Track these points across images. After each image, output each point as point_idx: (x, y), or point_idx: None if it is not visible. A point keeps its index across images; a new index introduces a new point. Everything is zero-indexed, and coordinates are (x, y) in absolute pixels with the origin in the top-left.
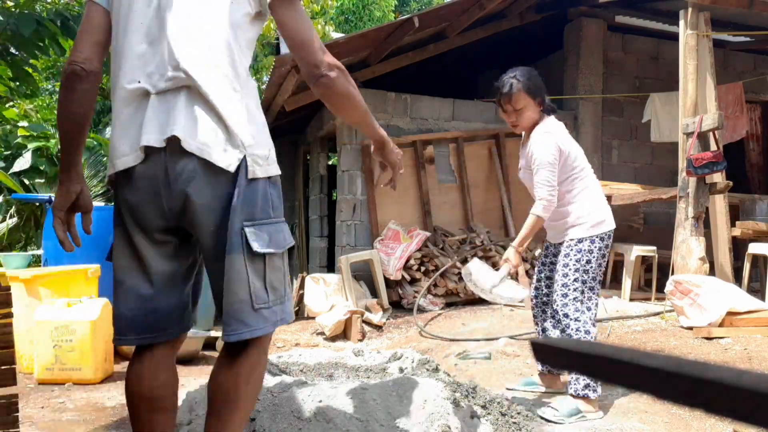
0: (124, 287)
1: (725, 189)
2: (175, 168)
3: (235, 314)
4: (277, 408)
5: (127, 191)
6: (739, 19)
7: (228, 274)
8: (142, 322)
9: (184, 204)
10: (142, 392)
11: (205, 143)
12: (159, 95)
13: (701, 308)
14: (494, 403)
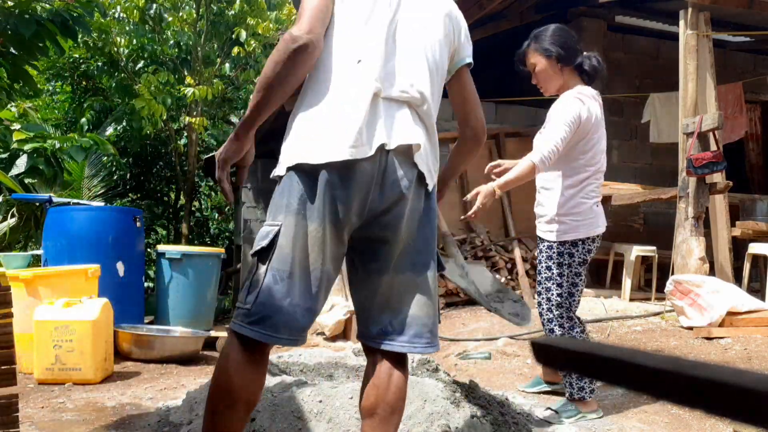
0: (292, 280)
1: (725, 189)
2: (396, 172)
3: (433, 328)
4: (277, 408)
5: (336, 183)
6: (739, 19)
7: (424, 287)
8: (299, 321)
9: (391, 207)
10: (249, 397)
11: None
12: (386, 101)
13: (701, 308)
14: (494, 403)
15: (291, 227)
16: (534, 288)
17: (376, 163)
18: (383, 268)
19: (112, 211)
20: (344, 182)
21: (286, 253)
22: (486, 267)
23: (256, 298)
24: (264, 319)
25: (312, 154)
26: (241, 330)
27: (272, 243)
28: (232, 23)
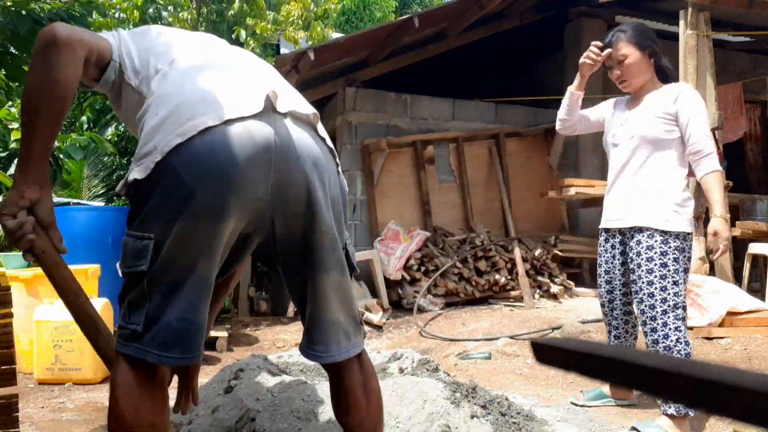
0: (176, 293)
1: (725, 189)
2: (301, 142)
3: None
4: (277, 408)
5: (207, 161)
6: (739, 19)
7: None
8: (190, 337)
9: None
10: (148, 424)
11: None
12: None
13: (701, 308)
14: (494, 403)
15: (165, 234)
16: (534, 288)
17: (269, 126)
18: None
19: (112, 211)
20: (218, 159)
21: (165, 261)
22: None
23: (145, 316)
24: (154, 339)
25: (168, 135)
26: (133, 352)
27: (151, 259)
28: (232, 23)
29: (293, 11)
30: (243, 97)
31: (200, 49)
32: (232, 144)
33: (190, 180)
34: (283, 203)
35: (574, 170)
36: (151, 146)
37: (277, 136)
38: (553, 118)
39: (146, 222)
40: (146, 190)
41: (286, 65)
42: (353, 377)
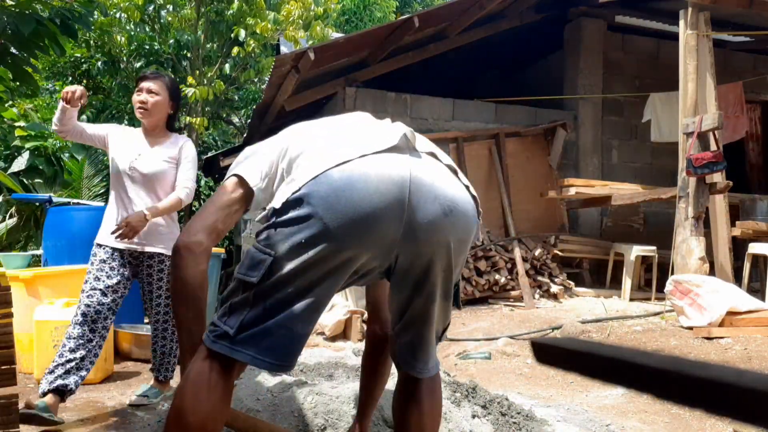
0: (284, 306)
1: (725, 189)
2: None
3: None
4: (277, 408)
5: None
6: (739, 19)
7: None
8: (287, 347)
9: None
10: (208, 426)
11: None
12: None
13: (701, 308)
14: (494, 403)
15: (289, 257)
16: (534, 288)
17: (406, 161)
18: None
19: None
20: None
21: (280, 281)
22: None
23: (240, 322)
24: (248, 340)
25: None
26: (221, 349)
27: (263, 274)
28: (232, 23)
29: (293, 11)
30: (378, 137)
31: (333, 121)
32: (369, 178)
33: (324, 213)
34: (412, 243)
35: (574, 170)
36: (290, 179)
37: (414, 172)
38: (553, 118)
39: (272, 239)
40: (281, 215)
41: (286, 65)
42: (426, 383)
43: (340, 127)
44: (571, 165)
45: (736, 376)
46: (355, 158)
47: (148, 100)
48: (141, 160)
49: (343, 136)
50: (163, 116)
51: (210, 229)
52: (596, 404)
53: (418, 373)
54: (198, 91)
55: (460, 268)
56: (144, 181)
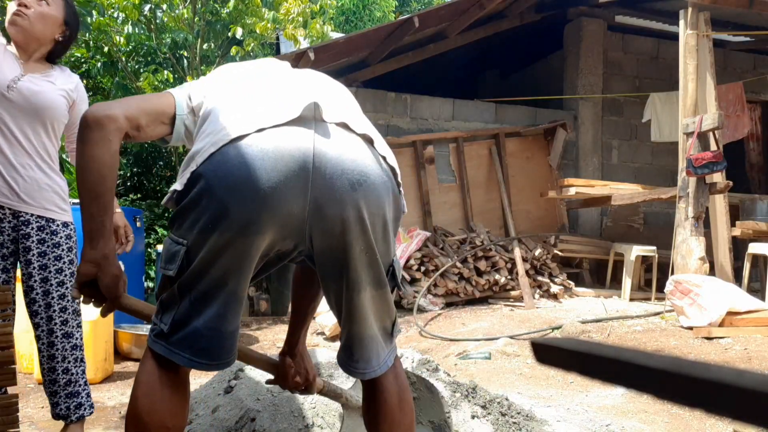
0: (206, 301)
1: (725, 189)
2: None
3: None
4: (277, 408)
5: (244, 171)
6: (739, 19)
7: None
8: (218, 345)
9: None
10: (164, 423)
11: None
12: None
13: (701, 308)
14: (494, 403)
15: (199, 244)
16: (534, 288)
17: (309, 135)
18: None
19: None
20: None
21: (196, 272)
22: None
23: (172, 319)
24: (182, 341)
25: (208, 144)
26: (160, 350)
27: (181, 265)
28: (228, 22)
29: (293, 9)
30: (282, 106)
31: (255, 72)
32: (266, 154)
33: (222, 194)
34: (321, 220)
35: (574, 170)
36: (189, 157)
37: (317, 146)
38: (553, 118)
39: (182, 228)
40: (184, 199)
41: None
42: (389, 389)
43: (252, 84)
44: (571, 165)
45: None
46: (252, 132)
47: (30, 5)
48: (27, 81)
49: (245, 101)
50: (48, 38)
51: (130, 115)
52: (596, 404)
53: (360, 374)
54: None
55: (386, 247)
56: (32, 113)
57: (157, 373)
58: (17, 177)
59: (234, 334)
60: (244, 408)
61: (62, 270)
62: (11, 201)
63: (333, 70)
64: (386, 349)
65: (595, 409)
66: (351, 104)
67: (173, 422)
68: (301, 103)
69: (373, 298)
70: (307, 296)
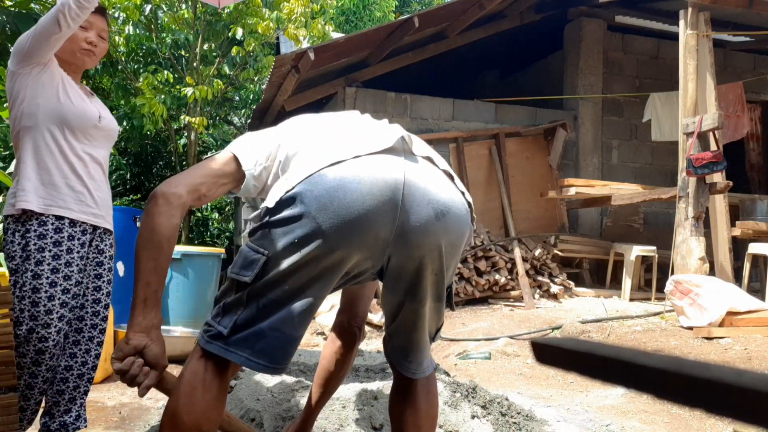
0: (276, 308)
1: (725, 189)
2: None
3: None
4: (277, 408)
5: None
6: (739, 19)
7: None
8: (281, 349)
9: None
10: (203, 427)
11: None
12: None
13: (701, 308)
14: (494, 403)
15: (281, 257)
16: (534, 288)
17: (401, 164)
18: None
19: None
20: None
21: (271, 282)
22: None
23: (234, 322)
24: (242, 342)
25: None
26: (215, 350)
27: (257, 273)
28: (228, 22)
29: (295, 9)
30: (375, 138)
31: (331, 118)
32: (362, 179)
33: (316, 212)
34: (404, 246)
35: (574, 170)
36: (284, 178)
37: (408, 176)
38: (553, 118)
39: (266, 239)
40: (274, 215)
41: (286, 65)
42: (421, 383)
43: (337, 125)
44: (571, 165)
45: (736, 376)
46: (349, 159)
47: (99, 44)
48: (100, 107)
49: (339, 135)
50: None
51: (192, 188)
52: (596, 404)
53: (412, 374)
54: (197, 90)
55: (453, 271)
56: (111, 137)
57: (202, 375)
58: (99, 196)
59: (297, 341)
60: (244, 408)
61: (110, 280)
62: (97, 219)
63: (333, 70)
64: (429, 351)
65: (595, 409)
66: (428, 145)
67: (207, 426)
68: (392, 136)
69: (431, 310)
70: (339, 374)
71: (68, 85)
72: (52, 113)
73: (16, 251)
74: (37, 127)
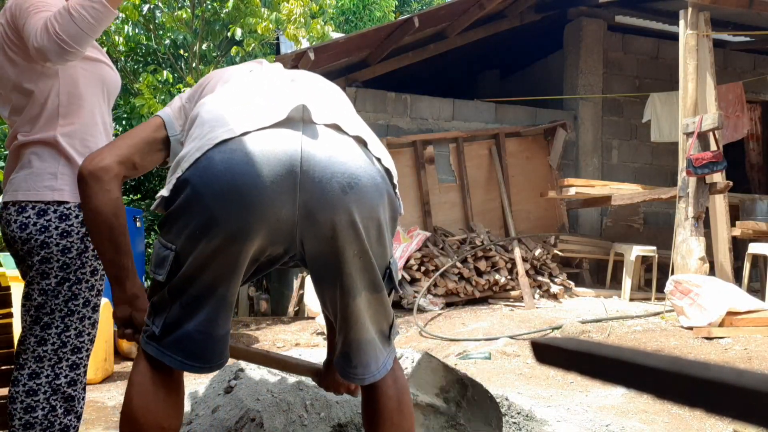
0: (198, 305)
1: (725, 189)
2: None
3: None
4: (277, 408)
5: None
6: (739, 19)
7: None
8: (208, 348)
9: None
10: (158, 425)
11: None
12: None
13: (701, 308)
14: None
15: (187, 249)
16: (534, 288)
17: (297, 137)
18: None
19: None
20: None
21: (186, 277)
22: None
23: (164, 322)
24: (175, 344)
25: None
26: (152, 352)
27: (170, 270)
28: (227, 21)
29: (295, 9)
30: (269, 109)
31: (244, 74)
32: (251, 158)
33: (209, 200)
34: (312, 225)
35: (574, 170)
36: (176, 163)
37: (305, 148)
38: (553, 118)
39: (171, 233)
40: (172, 204)
41: (286, 65)
42: (388, 392)
43: (236, 93)
44: (571, 165)
45: (736, 376)
46: (237, 136)
47: None
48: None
49: (232, 105)
50: None
51: (123, 158)
52: (596, 404)
53: (360, 380)
54: None
55: (381, 250)
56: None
57: (151, 374)
58: None
59: (225, 337)
60: (244, 408)
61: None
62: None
63: (333, 70)
64: (384, 352)
65: (595, 409)
66: (344, 105)
67: (168, 423)
68: (288, 105)
69: (369, 302)
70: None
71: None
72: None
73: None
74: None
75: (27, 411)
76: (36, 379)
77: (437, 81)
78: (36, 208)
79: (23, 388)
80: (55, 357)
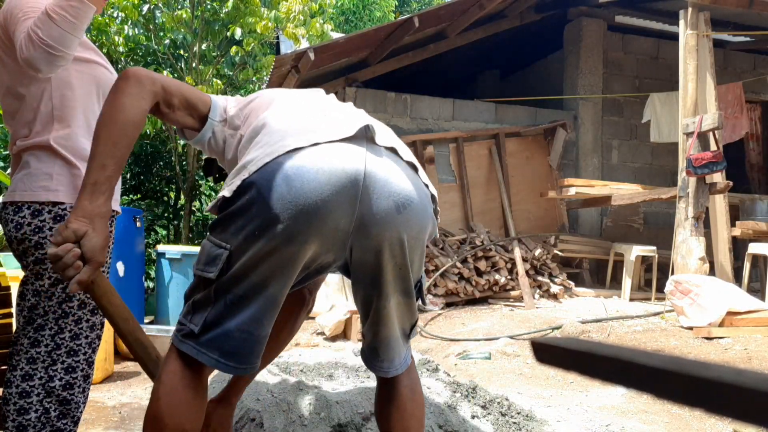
0: (242, 305)
1: (725, 189)
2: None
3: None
4: (277, 408)
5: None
6: (739, 19)
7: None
8: (249, 349)
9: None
10: (182, 426)
11: None
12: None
13: (701, 308)
14: (494, 403)
15: (243, 249)
16: (534, 288)
17: (362, 154)
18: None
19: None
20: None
21: (236, 276)
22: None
23: (204, 320)
24: (212, 343)
25: (266, 154)
26: (189, 350)
27: (222, 269)
28: (227, 21)
29: (294, 8)
30: (337, 125)
31: (304, 96)
32: (320, 168)
33: (274, 202)
34: (365, 237)
35: (574, 170)
36: (241, 166)
37: (369, 166)
38: (553, 118)
39: (226, 232)
40: (232, 205)
41: (286, 65)
42: (404, 384)
43: (302, 107)
44: (571, 165)
45: (736, 376)
46: (307, 146)
47: None
48: None
49: (301, 118)
50: None
51: (169, 90)
52: (596, 404)
53: (384, 373)
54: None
55: (419, 265)
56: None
57: (181, 375)
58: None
59: (264, 339)
60: (244, 408)
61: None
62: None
63: (333, 70)
64: (404, 348)
65: (595, 409)
66: (395, 135)
67: (191, 425)
68: (356, 124)
69: (398, 305)
70: (284, 334)
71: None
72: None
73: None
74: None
75: (20, 413)
76: (29, 381)
77: (437, 81)
78: (31, 209)
79: (16, 389)
80: (48, 359)
